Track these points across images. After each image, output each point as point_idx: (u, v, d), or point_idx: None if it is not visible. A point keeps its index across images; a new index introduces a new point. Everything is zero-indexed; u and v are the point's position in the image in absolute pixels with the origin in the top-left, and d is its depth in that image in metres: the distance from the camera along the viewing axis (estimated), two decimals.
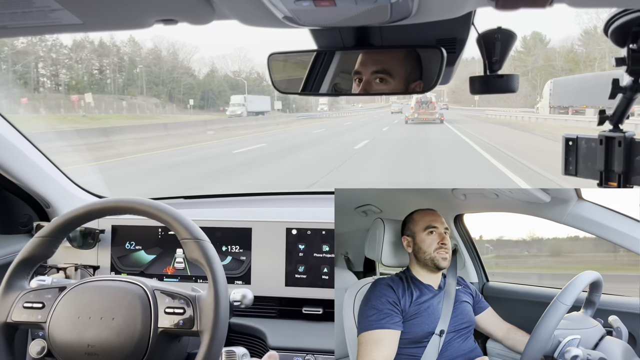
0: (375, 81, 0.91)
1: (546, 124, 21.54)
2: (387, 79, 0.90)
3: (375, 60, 0.91)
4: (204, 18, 0.72)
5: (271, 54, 0.96)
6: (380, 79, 0.90)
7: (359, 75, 0.92)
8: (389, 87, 0.91)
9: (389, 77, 0.90)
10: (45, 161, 1.58)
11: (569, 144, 1.06)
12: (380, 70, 0.90)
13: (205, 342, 0.91)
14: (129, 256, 1.55)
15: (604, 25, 0.96)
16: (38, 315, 0.97)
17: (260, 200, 1.87)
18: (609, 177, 1.00)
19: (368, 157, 12.03)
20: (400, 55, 0.90)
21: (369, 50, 0.91)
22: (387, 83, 0.90)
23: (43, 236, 1.01)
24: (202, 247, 0.96)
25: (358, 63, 0.91)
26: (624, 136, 0.97)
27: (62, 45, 48.93)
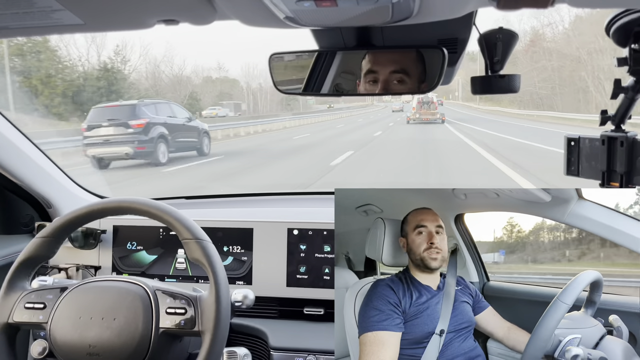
0: (394, 82, 0.90)
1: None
2: (404, 79, 0.90)
3: (393, 60, 0.90)
4: (205, 18, 0.72)
5: (272, 54, 0.96)
6: (399, 80, 0.90)
7: (374, 75, 0.91)
8: (406, 87, 0.91)
9: (406, 77, 0.90)
10: (46, 161, 1.59)
11: (571, 144, 1.06)
12: (399, 70, 0.90)
13: (207, 343, 0.91)
14: (130, 256, 1.55)
15: (606, 25, 0.96)
16: (39, 316, 0.97)
17: (262, 201, 1.87)
18: (611, 177, 1.00)
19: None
20: (414, 56, 0.90)
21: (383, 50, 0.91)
22: (404, 83, 0.90)
23: (44, 237, 1.01)
24: (203, 247, 0.96)
25: (372, 62, 0.91)
26: (626, 136, 0.97)
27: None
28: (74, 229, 1.04)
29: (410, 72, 0.90)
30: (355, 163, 10.15)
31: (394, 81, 0.91)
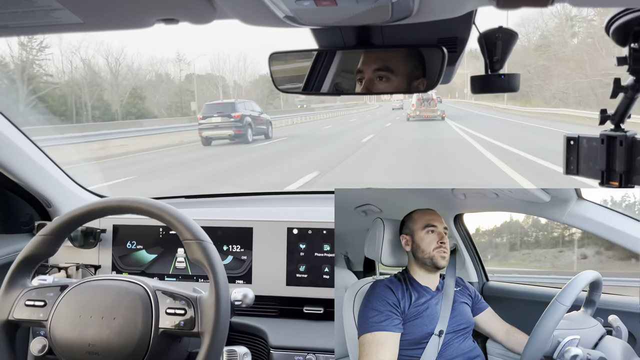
0: (377, 79, 0.90)
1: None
2: (389, 77, 0.90)
3: (377, 58, 0.90)
4: (205, 17, 0.72)
5: (272, 53, 0.96)
6: (382, 77, 0.90)
7: (361, 74, 0.91)
8: (392, 85, 0.90)
9: (391, 74, 0.89)
10: (46, 160, 1.59)
11: (570, 143, 1.06)
12: (382, 67, 0.89)
13: (206, 344, 0.91)
14: (130, 256, 1.55)
15: (605, 24, 0.96)
16: (40, 314, 0.98)
17: (261, 200, 1.88)
18: (610, 176, 1.00)
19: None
20: (402, 53, 0.90)
21: (371, 49, 0.91)
22: (389, 81, 0.90)
23: (46, 234, 1.01)
24: (204, 248, 0.96)
25: (360, 62, 0.91)
26: (625, 135, 0.96)
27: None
28: (76, 227, 1.04)
29: (396, 70, 0.89)
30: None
31: (377, 78, 0.90)
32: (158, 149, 15.04)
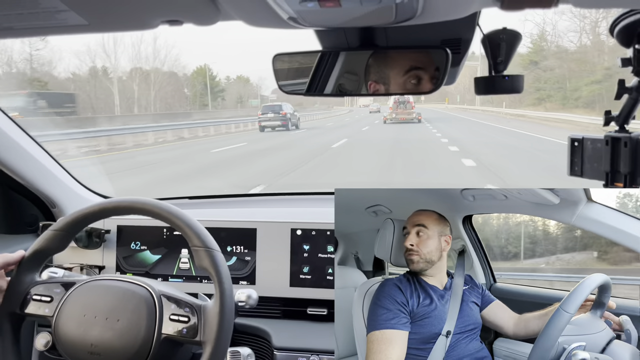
0: (411, 81, 0.90)
1: None
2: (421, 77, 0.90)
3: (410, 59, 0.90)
4: (209, 19, 0.72)
5: (276, 54, 0.95)
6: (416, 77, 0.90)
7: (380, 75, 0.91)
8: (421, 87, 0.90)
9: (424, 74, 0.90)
10: (51, 161, 1.59)
11: (574, 144, 1.05)
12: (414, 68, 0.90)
13: (207, 354, 0.91)
14: (134, 256, 1.56)
15: (610, 25, 0.95)
16: (45, 309, 0.98)
17: (265, 201, 1.88)
18: (615, 177, 0.99)
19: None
20: (430, 55, 0.89)
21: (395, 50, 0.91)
22: (419, 83, 0.90)
23: (57, 229, 1.01)
24: (212, 256, 0.96)
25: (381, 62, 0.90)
26: (630, 137, 0.96)
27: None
28: (86, 224, 1.05)
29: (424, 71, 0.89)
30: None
31: (411, 81, 0.90)
32: (242, 132, 22.69)
